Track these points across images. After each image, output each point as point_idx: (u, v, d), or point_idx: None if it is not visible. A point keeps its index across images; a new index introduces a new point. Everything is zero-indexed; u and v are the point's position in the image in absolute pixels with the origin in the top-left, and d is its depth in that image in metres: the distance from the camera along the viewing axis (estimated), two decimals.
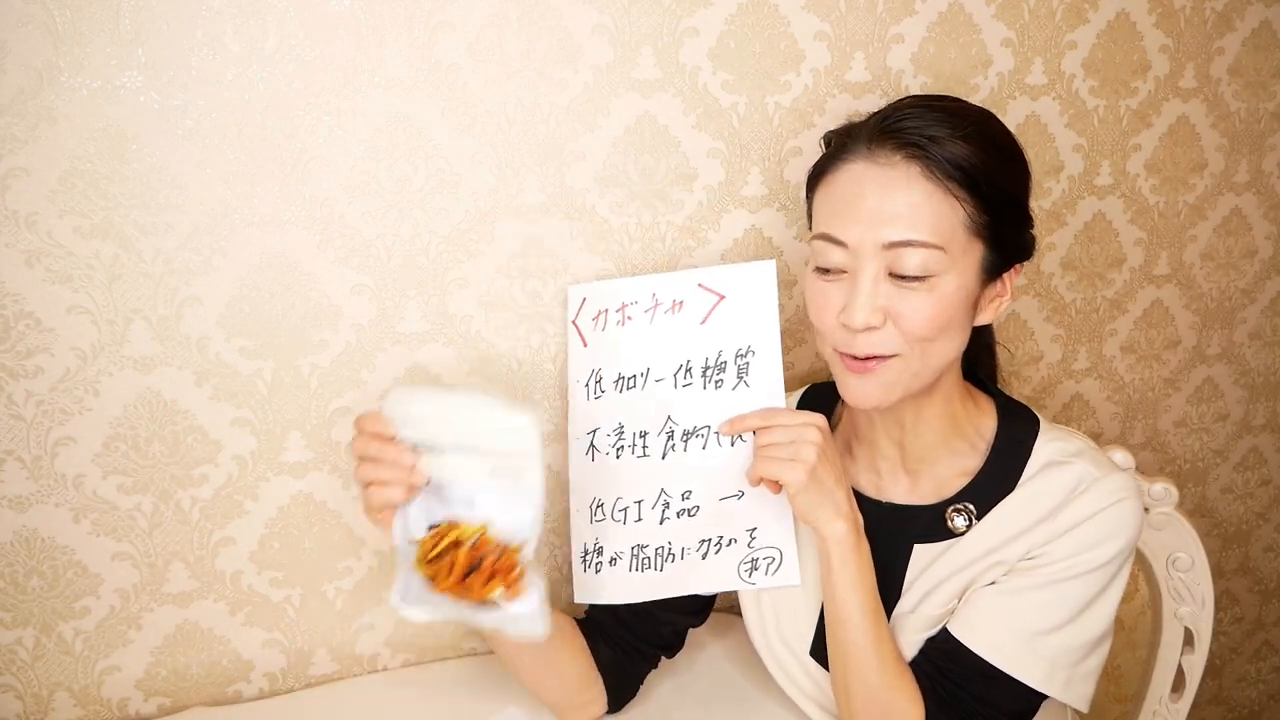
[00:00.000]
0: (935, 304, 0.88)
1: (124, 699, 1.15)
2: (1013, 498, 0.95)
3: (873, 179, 0.89)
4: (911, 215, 0.87)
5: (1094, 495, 0.91)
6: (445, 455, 0.89)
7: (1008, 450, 0.98)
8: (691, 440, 1.01)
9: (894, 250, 0.87)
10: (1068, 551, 0.91)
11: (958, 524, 0.97)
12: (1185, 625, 1.17)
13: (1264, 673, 1.81)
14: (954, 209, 0.88)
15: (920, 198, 0.87)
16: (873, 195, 0.88)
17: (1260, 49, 1.42)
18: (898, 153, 0.88)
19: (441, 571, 0.88)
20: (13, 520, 1.06)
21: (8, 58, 0.95)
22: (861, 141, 0.91)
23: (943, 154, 0.87)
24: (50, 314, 1.02)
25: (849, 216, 0.89)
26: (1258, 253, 1.53)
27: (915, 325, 0.88)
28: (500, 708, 1.12)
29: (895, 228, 0.87)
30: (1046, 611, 0.91)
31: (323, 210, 1.08)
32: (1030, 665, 0.90)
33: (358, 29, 1.04)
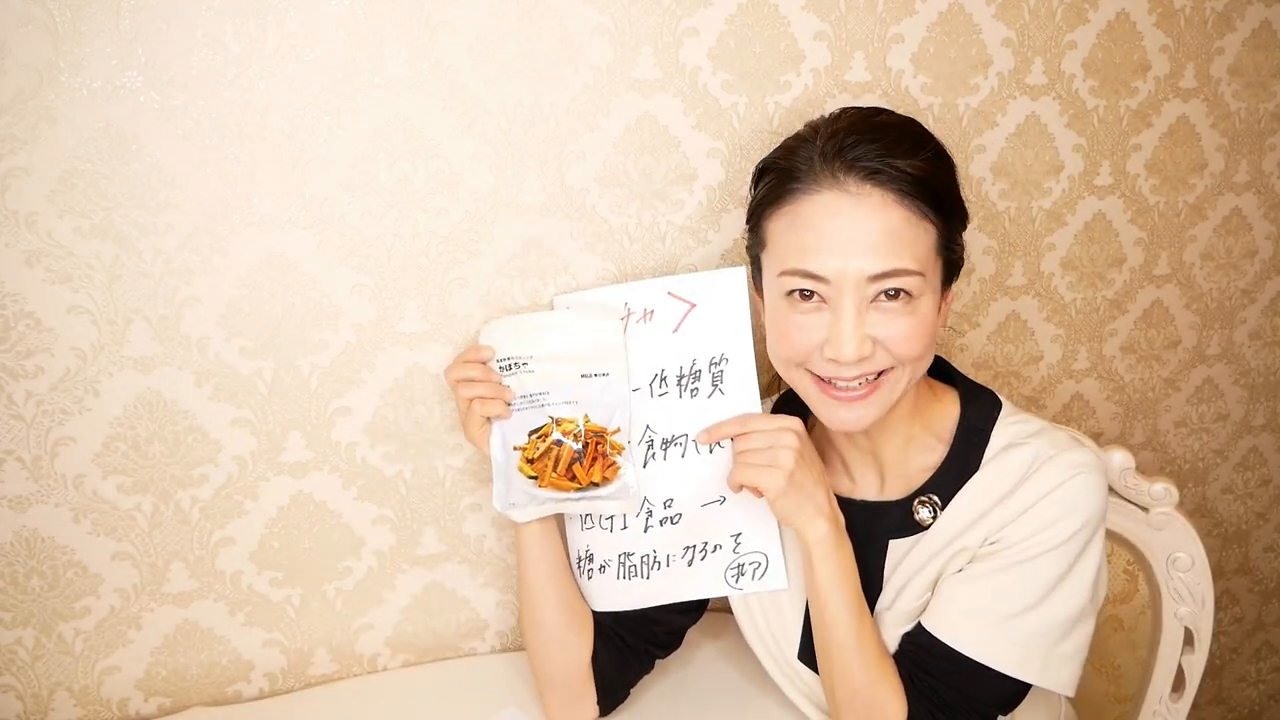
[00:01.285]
0: (919, 325, 0.89)
1: (124, 699, 1.15)
2: (972, 484, 0.95)
3: (847, 209, 0.87)
4: (892, 243, 0.86)
5: (1048, 472, 0.91)
6: (541, 367, 1.01)
7: (968, 438, 0.98)
8: (671, 448, 1.02)
9: (879, 281, 0.87)
10: (1026, 533, 0.90)
11: (923, 516, 0.97)
12: (1185, 625, 1.17)
13: (1264, 673, 1.81)
14: (926, 232, 0.89)
15: (898, 224, 0.87)
16: (849, 227, 0.87)
17: (1260, 49, 1.42)
18: (866, 181, 0.87)
19: (547, 468, 1.00)
20: (13, 520, 1.06)
21: (8, 58, 0.95)
22: (821, 171, 0.88)
23: (909, 178, 0.87)
24: (50, 314, 1.02)
25: (826, 250, 0.87)
26: (1258, 253, 1.53)
27: (905, 349, 0.89)
28: (500, 708, 1.12)
29: (878, 258, 0.86)
30: (1011, 594, 0.89)
31: (323, 210, 1.08)
32: (1002, 652, 0.89)
33: (358, 29, 1.04)
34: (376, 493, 1.18)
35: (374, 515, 1.19)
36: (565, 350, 1.01)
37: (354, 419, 1.15)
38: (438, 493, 1.20)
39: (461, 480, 1.21)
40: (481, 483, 1.22)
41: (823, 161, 0.89)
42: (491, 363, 1.02)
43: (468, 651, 1.28)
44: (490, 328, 1.04)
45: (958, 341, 1.39)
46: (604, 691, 1.08)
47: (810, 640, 1.00)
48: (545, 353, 1.01)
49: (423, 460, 1.18)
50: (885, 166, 0.86)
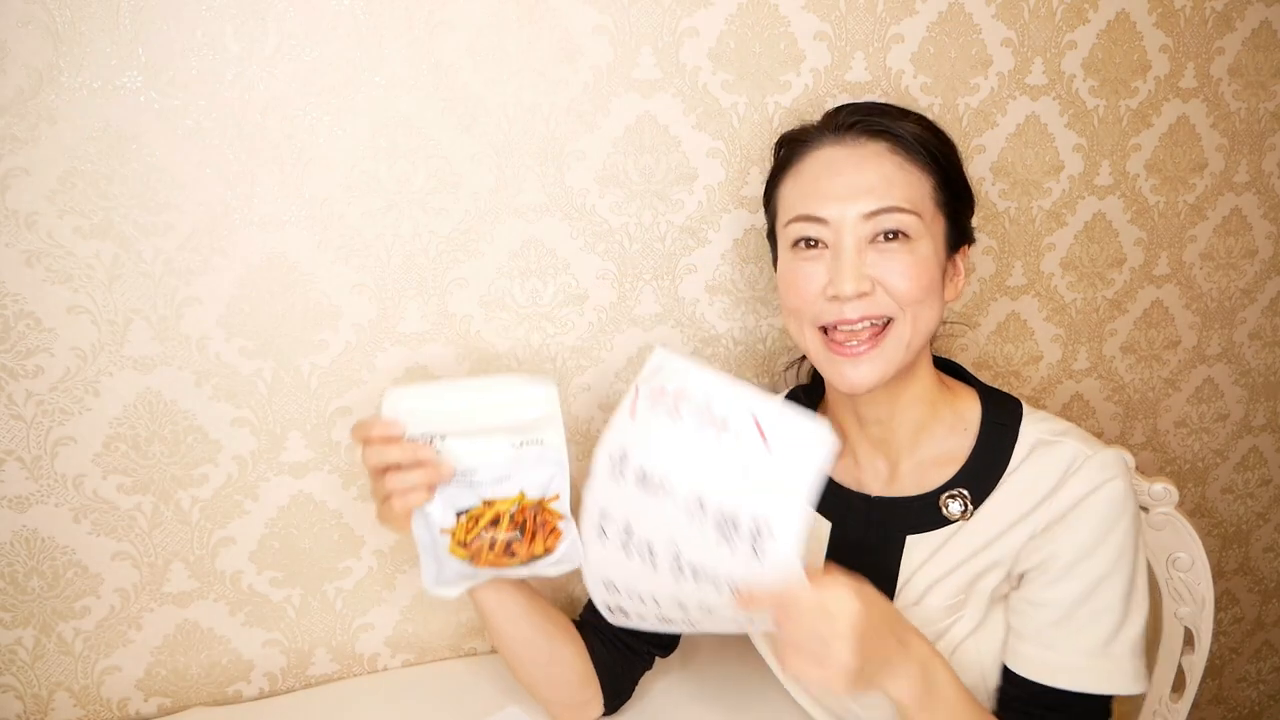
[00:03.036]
0: (916, 264, 0.92)
1: (124, 699, 1.15)
2: (1008, 482, 0.95)
3: (844, 158, 0.94)
4: (886, 186, 0.92)
5: (1091, 475, 0.91)
6: (464, 441, 0.88)
7: (995, 433, 0.98)
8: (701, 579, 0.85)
9: (874, 219, 0.91)
10: (1082, 552, 0.90)
11: (953, 510, 0.97)
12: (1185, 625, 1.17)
13: (1264, 673, 1.81)
14: (921, 181, 0.94)
15: (891, 170, 0.93)
16: (847, 172, 0.93)
17: (1260, 49, 1.42)
18: (863, 135, 0.95)
19: (482, 549, 0.90)
20: (13, 520, 1.06)
21: (8, 58, 0.95)
22: (826, 132, 0.97)
23: (905, 131, 0.95)
24: (50, 314, 1.02)
25: (826, 194, 0.93)
26: (1258, 253, 1.53)
27: (902, 285, 0.91)
28: (500, 708, 1.12)
29: (873, 198, 0.92)
30: (1102, 619, 0.91)
31: (323, 210, 1.08)
32: (1112, 674, 0.91)
33: (358, 29, 1.04)
34: None
35: (374, 515, 1.18)
36: (495, 421, 0.89)
37: (354, 419, 1.14)
38: None
39: None
40: None
41: (826, 127, 0.98)
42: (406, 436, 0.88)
43: (468, 651, 1.28)
44: (394, 397, 0.88)
45: (958, 341, 1.39)
46: (610, 692, 1.08)
47: None
48: (473, 426, 0.88)
49: None
50: (881, 123, 0.95)
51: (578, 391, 1.22)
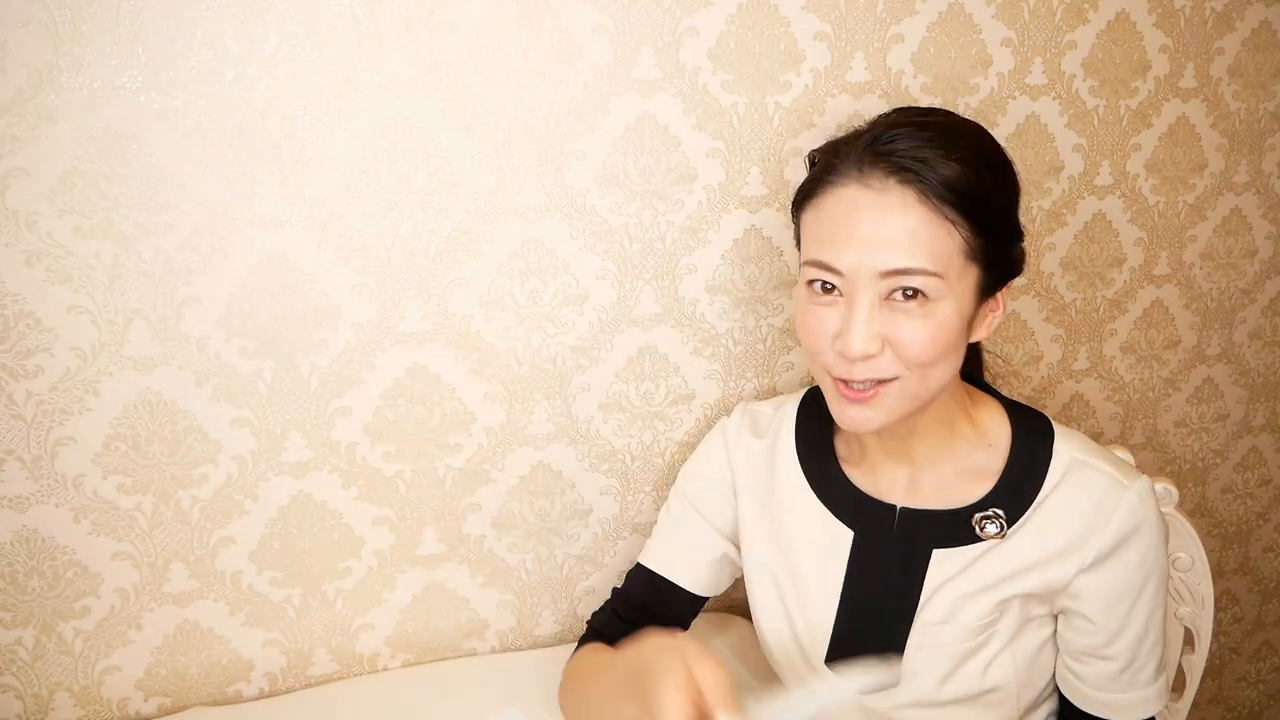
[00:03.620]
0: (933, 329, 0.86)
1: (124, 699, 1.15)
2: (1045, 504, 0.93)
3: (867, 204, 0.85)
4: (909, 242, 0.84)
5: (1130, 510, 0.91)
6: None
7: (1027, 450, 0.96)
8: None
9: (891, 278, 0.85)
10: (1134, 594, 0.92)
11: (989, 530, 0.94)
12: (1185, 625, 1.17)
13: (1264, 673, 1.81)
14: (950, 234, 0.85)
15: (917, 223, 0.84)
16: (867, 221, 0.85)
17: (1260, 49, 1.42)
18: (891, 176, 0.85)
19: None
20: (13, 520, 1.06)
21: (8, 58, 0.95)
22: (851, 163, 0.87)
23: (937, 177, 0.84)
24: (50, 314, 1.02)
25: (843, 243, 0.86)
26: (1258, 253, 1.53)
27: (914, 352, 0.86)
28: (500, 708, 1.12)
29: (892, 255, 0.84)
30: (1156, 650, 0.95)
31: (323, 210, 1.08)
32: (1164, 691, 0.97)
33: (358, 29, 1.04)
34: (376, 493, 1.18)
35: (374, 515, 1.19)
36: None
37: (354, 419, 1.15)
38: (438, 493, 1.20)
39: (461, 480, 1.21)
40: (482, 482, 1.22)
41: (856, 155, 0.87)
42: None
43: (468, 651, 1.28)
44: None
45: None
46: None
47: (840, 644, 0.99)
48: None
49: (423, 460, 1.18)
50: (913, 164, 0.84)
51: (577, 391, 1.22)
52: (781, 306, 1.28)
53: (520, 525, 1.25)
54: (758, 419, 1.10)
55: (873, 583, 0.99)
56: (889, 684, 0.97)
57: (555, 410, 1.22)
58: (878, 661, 0.95)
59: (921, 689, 0.96)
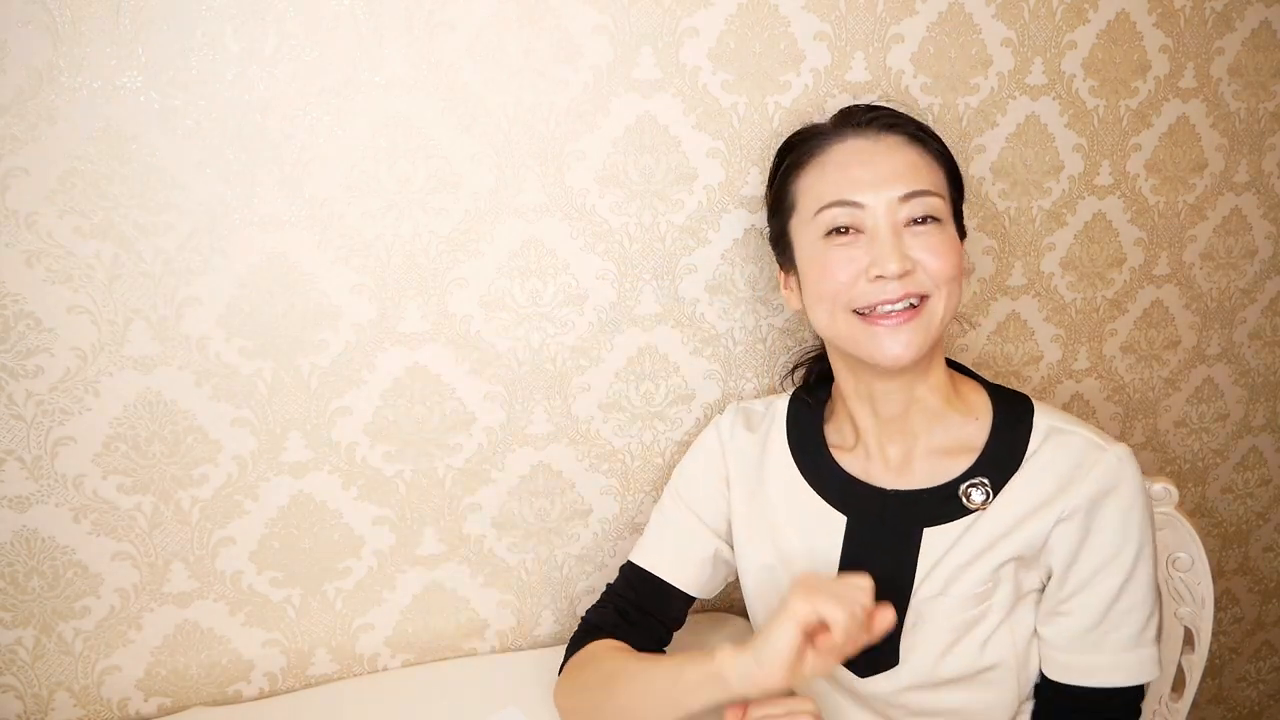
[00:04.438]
0: (947, 243, 0.96)
1: (124, 699, 1.15)
2: (1026, 468, 0.97)
3: (871, 148, 0.98)
4: (913, 172, 0.97)
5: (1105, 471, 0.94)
6: None
7: (1009, 421, 1.00)
8: None
9: (909, 202, 0.95)
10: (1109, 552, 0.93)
11: (975, 498, 0.97)
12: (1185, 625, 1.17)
13: (1264, 673, 1.81)
14: (936, 170, 0.99)
15: (915, 157, 0.98)
16: (878, 161, 0.97)
17: (1260, 49, 1.42)
18: (883, 130, 1.00)
19: None
20: (13, 520, 1.06)
21: (8, 58, 0.95)
22: (843, 125, 1.01)
23: (915, 125, 1.01)
24: (50, 314, 1.02)
25: (859, 180, 0.96)
26: (1258, 253, 1.53)
27: (937, 264, 0.94)
28: (500, 708, 1.12)
29: (904, 182, 0.95)
30: (1135, 613, 0.94)
31: (323, 210, 1.08)
32: (1145, 664, 0.95)
33: (358, 29, 1.04)
34: (376, 493, 1.18)
35: (374, 515, 1.19)
36: None
37: (354, 419, 1.15)
38: (438, 493, 1.20)
39: (461, 480, 1.21)
40: (482, 482, 1.22)
41: (844, 122, 1.02)
42: None
43: (468, 651, 1.28)
44: None
45: (958, 341, 1.39)
46: None
47: None
48: None
49: (423, 460, 1.18)
50: (894, 119, 1.00)
51: (577, 391, 1.22)
52: (781, 307, 1.28)
53: (520, 525, 1.25)
54: (750, 415, 1.12)
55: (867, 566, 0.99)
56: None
57: (555, 410, 1.22)
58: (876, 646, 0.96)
59: (920, 666, 0.97)
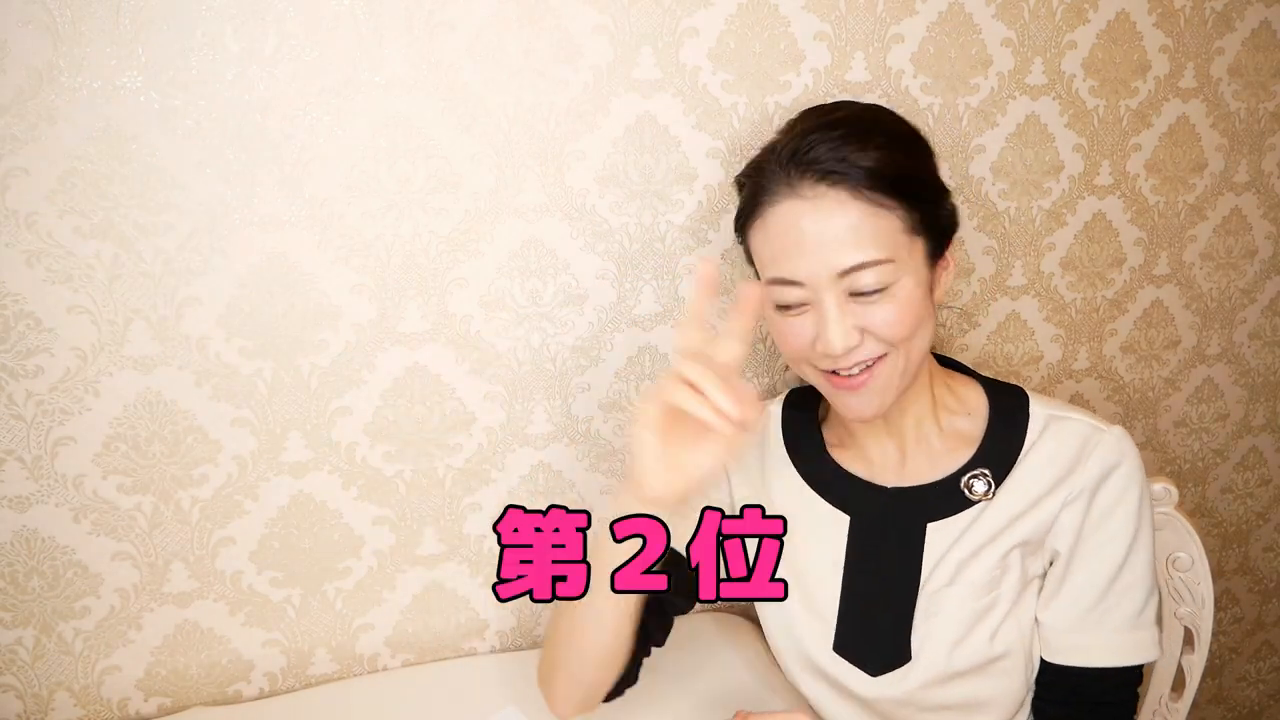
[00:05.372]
0: (901, 308, 0.90)
1: (124, 699, 1.15)
2: (1028, 458, 0.97)
3: (806, 213, 0.89)
4: (854, 237, 0.88)
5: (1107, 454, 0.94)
6: None
7: (1005, 412, 1.00)
8: None
9: (849, 276, 0.88)
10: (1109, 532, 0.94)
11: (977, 490, 0.97)
12: (1185, 625, 1.17)
13: (1264, 673, 1.81)
14: (888, 217, 0.89)
15: (857, 218, 0.88)
16: (811, 229, 0.89)
17: (1260, 49, 1.42)
18: (821, 183, 0.89)
19: None
20: (13, 520, 1.06)
21: (8, 58, 0.95)
22: (779, 180, 0.91)
23: (861, 172, 0.88)
24: (50, 314, 1.02)
25: (795, 255, 0.90)
26: (1258, 253, 1.53)
27: (889, 332, 0.90)
28: (500, 708, 1.12)
29: (844, 254, 0.88)
30: (1133, 593, 0.94)
31: (323, 210, 1.08)
32: (1142, 644, 0.95)
33: (358, 29, 1.04)
34: (376, 493, 1.18)
35: (374, 515, 1.19)
36: None
37: (354, 419, 1.15)
38: (438, 493, 1.20)
39: (461, 480, 1.21)
40: (482, 482, 1.22)
41: (781, 169, 0.91)
42: None
43: (468, 651, 1.28)
44: None
45: (958, 341, 1.39)
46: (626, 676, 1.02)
47: (846, 629, 1.00)
48: None
49: (423, 460, 1.18)
50: (836, 166, 0.88)
51: (577, 391, 1.22)
52: None
53: None
54: None
55: (873, 565, 1.00)
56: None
57: (555, 410, 1.22)
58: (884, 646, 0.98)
59: (933, 660, 0.97)
